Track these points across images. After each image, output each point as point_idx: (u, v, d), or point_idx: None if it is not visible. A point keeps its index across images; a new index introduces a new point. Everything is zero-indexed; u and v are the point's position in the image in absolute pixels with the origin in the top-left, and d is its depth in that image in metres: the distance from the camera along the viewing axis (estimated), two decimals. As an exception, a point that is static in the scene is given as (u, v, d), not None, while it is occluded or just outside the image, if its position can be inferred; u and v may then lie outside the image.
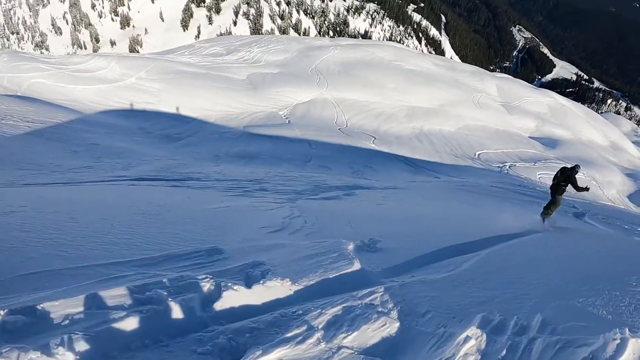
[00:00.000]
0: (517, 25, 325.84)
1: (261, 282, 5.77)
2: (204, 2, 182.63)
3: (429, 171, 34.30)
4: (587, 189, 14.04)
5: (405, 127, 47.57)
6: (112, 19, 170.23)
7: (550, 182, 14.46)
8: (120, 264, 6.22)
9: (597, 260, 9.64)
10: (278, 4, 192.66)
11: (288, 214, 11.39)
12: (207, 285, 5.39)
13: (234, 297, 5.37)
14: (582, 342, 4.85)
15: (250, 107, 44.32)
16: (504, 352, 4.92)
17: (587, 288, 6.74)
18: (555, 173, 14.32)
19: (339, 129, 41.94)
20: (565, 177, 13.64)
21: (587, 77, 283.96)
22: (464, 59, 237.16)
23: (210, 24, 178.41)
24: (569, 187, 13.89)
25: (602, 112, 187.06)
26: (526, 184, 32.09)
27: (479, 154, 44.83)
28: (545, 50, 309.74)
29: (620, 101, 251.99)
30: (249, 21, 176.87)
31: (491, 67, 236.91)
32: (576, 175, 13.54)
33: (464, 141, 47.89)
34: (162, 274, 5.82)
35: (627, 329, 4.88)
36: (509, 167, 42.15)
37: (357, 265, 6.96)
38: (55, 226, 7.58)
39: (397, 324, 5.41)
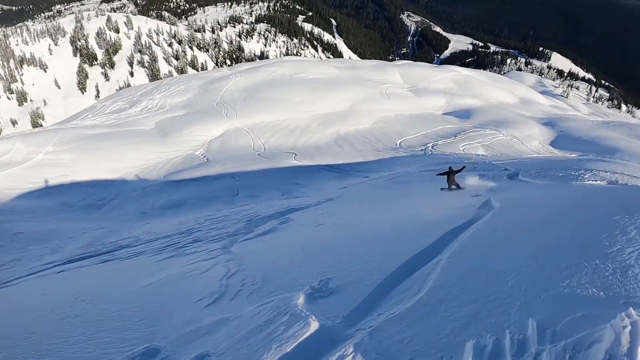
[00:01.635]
0: (405, 12, 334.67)
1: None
2: (96, 60, 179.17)
3: (357, 172, 34.40)
4: (458, 186, 19.07)
5: (322, 136, 47.74)
6: (8, 98, 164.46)
7: (474, 152, 17.10)
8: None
9: (556, 223, 8.91)
10: (170, 45, 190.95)
11: (224, 272, 10.21)
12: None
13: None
14: (591, 340, 4.33)
15: (165, 155, 43.42)
16: (514, 383, 4.37)
17: (564, 266, 6.10)
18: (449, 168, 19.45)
19: (258, 154, 41.58)
20: (452, 172, 19.13)
21: (483, 44, 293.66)
22: (362, 55, 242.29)
23: (108, 80, 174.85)
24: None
25: (504, 73, 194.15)
26: (453, 160, 32.56)
27: (399, 143, 45.49)
28: (437, 29, 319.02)
29: (519, 58, 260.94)
30: (146, 69, 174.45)
31: (390, 57, 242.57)
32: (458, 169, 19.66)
33: (381, 134, 48.52)
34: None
35: (631, 309, 4.57)
36: (432, 147, 42.97)
37: (314, 325, 5.97)
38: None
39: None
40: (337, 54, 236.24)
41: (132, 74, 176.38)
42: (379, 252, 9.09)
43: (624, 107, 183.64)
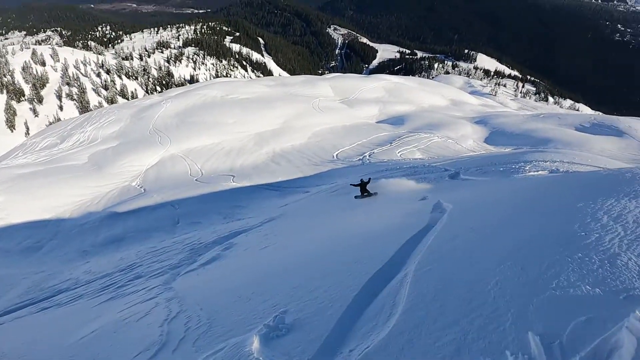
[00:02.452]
0: (331, 26, 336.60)
1: None
2: (24, 95, 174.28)
3: (297, 188, 34.39)
4: (369, 194, 19.95)
5: (259, 155, 47.69)
6: None
7: (411, 156, 17.40)
8: None
9: (520, 219, 8.40)
10: (98, 75, 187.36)
11: (165, 316, 9.17)
12: None
13: None
14: (609, 348, 3.81)
15: (101, 189, 42.38)
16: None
17: (546, 265, 5.49)
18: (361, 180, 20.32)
19: (196, 180, 41.16)
20: (363, 183, 19.99)
21: (410, 51, 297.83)
22: (292, 72, 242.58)
23: (37, 116, 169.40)
24: None
25: (433, 77, 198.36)
26: (391, 166, 33.01)
27: (336, 155, 45.77)
28: (364, 40, 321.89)
29: (446, 62, 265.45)
30: (75, 101, 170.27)
31: (320, 71, 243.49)
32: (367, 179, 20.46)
33: (318, 148, 48.77)
34: None
35: (636, 309, 4.10)
36: (369, 156, 43.34)
37: (275, 375, 5.20)
38: None
39: None
40: (267, 73, 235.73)
41: (61, 108, 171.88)
42: (335, 274, 8.15)
43: (551, 99, 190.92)
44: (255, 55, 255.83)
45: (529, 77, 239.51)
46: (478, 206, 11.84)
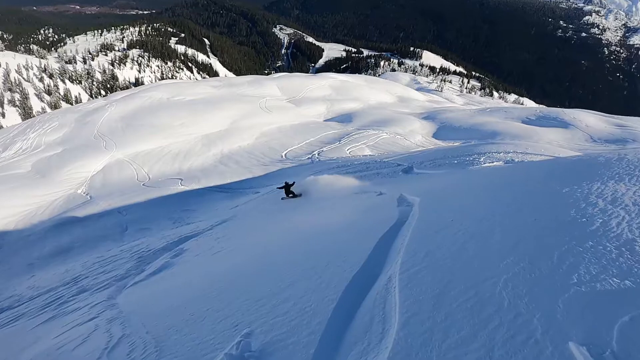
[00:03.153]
0: (277, 25, 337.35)
1: None
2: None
3: (246, 190, 33.61)
4: (294, 195, 21.10)
5: (207, 157, 46.61)
6: None
7: (360, 153, 17.47)
8: None
9: (507, 209, 7.44)
10: (41, 80, 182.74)
11: (105, 343, 7.61)
12: None
13: None
14: None
15: (46, 198, 40.45)
16: None
17: (557, 258, 4.80)
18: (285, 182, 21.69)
19: (143, 185, 39.80)
20: (288, 186, 21.27)
21: (356, 50, 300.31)
22: (238, 72, 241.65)
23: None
24: None
25: (380, 75, 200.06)
26: (341, 163, 32.54)
27: (285, 154, 45.19)
28: (310, 39, 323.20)
29: (392, 59, 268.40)
30: (17, 107, 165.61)
31: (266, 72, 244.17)
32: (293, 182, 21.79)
33: (266, 148, 48.06)
34: None
35: None
36: (318, 154, 42.85)
37: None
38: None
39: None
40: (213, 74, 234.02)
41: (3, 115, 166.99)
42: (304, 281, 6.88)
43: (495, 94, 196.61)
44: (201, 57, 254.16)
45: (473, 73, 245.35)
46: (446, 197, 10.87)
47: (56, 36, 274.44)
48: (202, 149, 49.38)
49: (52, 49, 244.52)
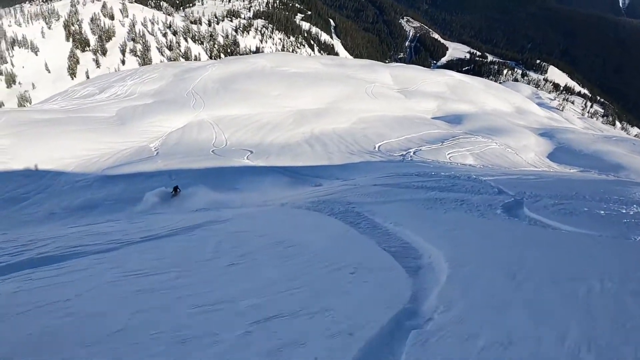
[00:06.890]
0: (405, 17, 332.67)
1: None
2: (89, 45, 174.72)
3: (313, 178, 29.36)
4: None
5: (294, 134, 43.21)
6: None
7: (461, 161, 13.78)
8: None
9: None
10: (164, 35, 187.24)
11: None
12: None
13: None
14: None
15: (116, 146, 38.38)
16: None
17: None
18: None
19: (212, 151, 36.86)
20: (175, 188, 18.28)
21: (480, 53, 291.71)
22: (358, 57, 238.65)
23: (98, 67, 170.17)
24: None
25: (501, 83, 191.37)
26: (427, 172, 26.85)
27: (378, 146, 41.13)
28: (436, 36, 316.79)
29: (516, 69, 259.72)
30: (138, 57, 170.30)
31: (387, 61, 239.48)
32: None
33: (361, 135, 44.16)
34: None
35: None
36: (413, 152, 38.70)
37: None
38: None
39: None
40: (334, 54, 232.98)
41: (123, 62, 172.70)
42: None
43: (618, 124, 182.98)
44: (324, 36, 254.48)
45: (598, 97, 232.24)
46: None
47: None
48: (292, 125, 46.24)
49: (180, 8, 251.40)
